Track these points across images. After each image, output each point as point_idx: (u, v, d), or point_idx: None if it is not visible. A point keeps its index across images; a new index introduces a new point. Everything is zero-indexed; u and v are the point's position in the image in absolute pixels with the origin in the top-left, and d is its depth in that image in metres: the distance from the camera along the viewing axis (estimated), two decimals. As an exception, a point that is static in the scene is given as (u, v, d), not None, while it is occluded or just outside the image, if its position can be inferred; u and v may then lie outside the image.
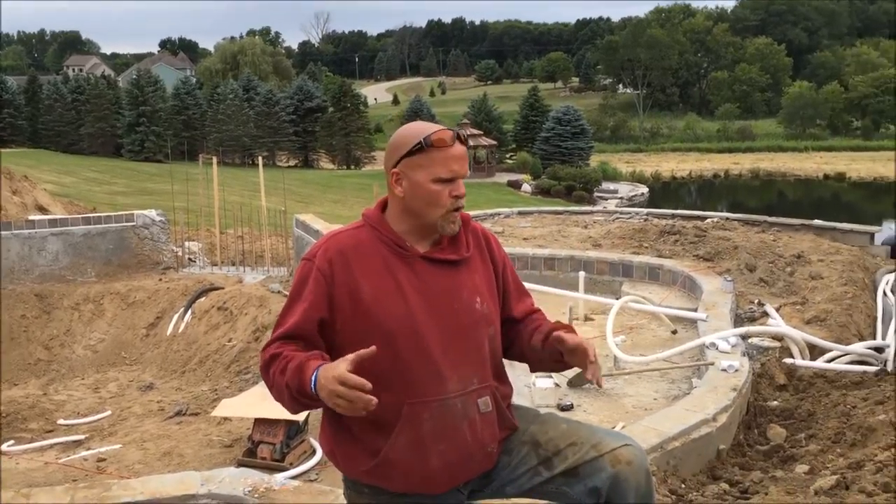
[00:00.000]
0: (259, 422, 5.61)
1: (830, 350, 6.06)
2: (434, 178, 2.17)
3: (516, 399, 2.46)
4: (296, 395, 2.08)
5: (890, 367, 5.94)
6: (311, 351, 2.15)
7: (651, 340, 6.75)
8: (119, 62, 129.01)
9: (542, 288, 7.68)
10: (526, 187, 41.50)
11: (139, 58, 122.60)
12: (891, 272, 8.23)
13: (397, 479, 2.18)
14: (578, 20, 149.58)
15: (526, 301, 2.47)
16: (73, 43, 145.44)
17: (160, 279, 11.71)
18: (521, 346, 2.42)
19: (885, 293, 7.63)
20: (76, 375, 10.14)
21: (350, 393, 1.95)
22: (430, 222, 2.21)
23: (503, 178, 44.48)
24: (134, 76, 58.66)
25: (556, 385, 5.60)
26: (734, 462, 4.31)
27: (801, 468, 3.97)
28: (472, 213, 12.57)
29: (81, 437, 7.80)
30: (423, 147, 2.17)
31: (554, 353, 2.26)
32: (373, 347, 2.02)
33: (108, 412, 8.57)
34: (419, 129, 2.21)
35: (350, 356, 1.99)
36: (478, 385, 2.23)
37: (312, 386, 2.02)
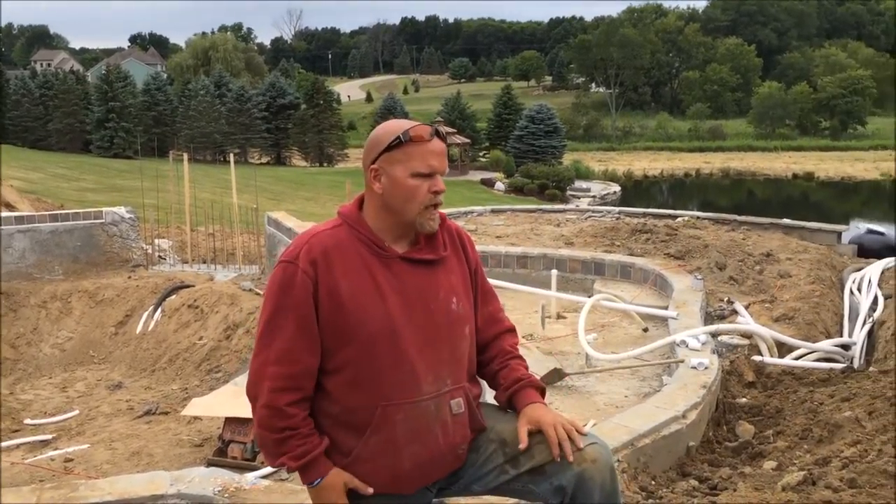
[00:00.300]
0: (230, 421, 5.57)
1: (798, 347, 6.14)
2: (412, 172, 2.16)
3: (489, 398, 2.46)
4: (288, 469, 2.26)
5: (856, 365, 6.03)
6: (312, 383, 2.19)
7: (622, 338, 6.79)
8: (88, 57, 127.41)
9: (514, 286, 7.70)
10: (499, 185, 41.59)
11: (108, 53, 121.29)
12: (857, 270, 8.34)
13: (368, 480, 2.17)
14: (551, 19, 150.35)
15: (491, 305, 2.46)
16: (41, 37, 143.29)
17: (129, 277, 11.58)
18: (482, 374, 2.44)
19: (851, 291, 7.74)
20: (43, 374, 10.01)
21: None
22: (408, 219, 2.19)
23: (476, 176, 44.56)
24: (103, 71, 57.93)
25: (528, 383, 5.60)
26: (704, 459, 4.34)
27: (769, 464, 4.01)
28: (445, 211, 12.54)
29: (48, 436, 7.70)
30: (401, 142, 2.16)
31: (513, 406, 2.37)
32: (370, 490, 2.18)
33: (76, 411, 8.47)
34: (398, 126, 2.20)
35: (356, 483, 2.17)
36: (451, 386, 2.24)
37: (314, 483, 2.17)
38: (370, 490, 2.15)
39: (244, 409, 5.37)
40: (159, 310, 10.47)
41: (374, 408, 2.15)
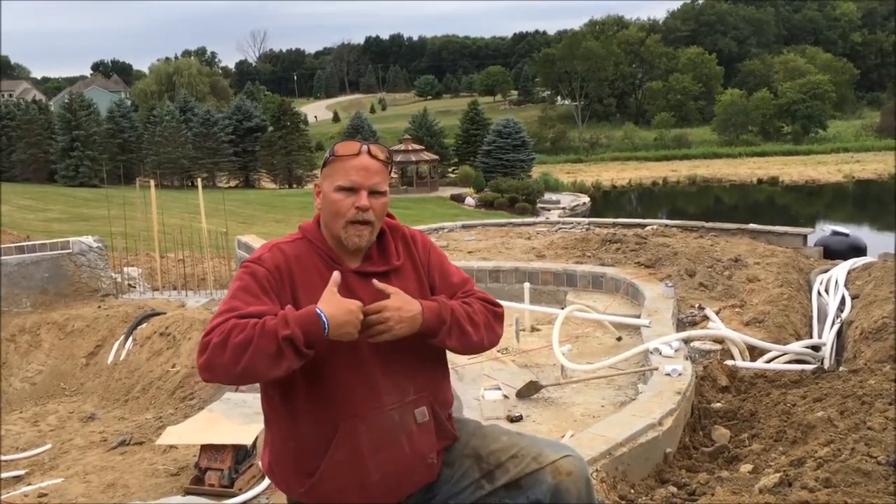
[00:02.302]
0: (206, 448, 5.50)
1: (769, 350, 6.21)
2: (335, 186, 2.21)
3: (466, 412, 2.48)
4: (300, 346, 1.98)
5: (827, 365, 6.11)
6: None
7: (597, 348, 6.83)
8: (50, 86, 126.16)
9: (487, 300, 7.71)
10: (469, 200, 41.67)
11: (71, 81, 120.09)
12: (824, 272, 8.47)
13: (338, 496, 2.17)
14: (515, 34, 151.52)
15: (450, 283, 2.42)
16: (2, 68, 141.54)
17: (99, 307, 11.43)
18: None
19: (819, 293, 7.85)
20: (14, 409, 9.83)
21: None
22: (336, 234, 2.22)
23: (446, 192, 44.65)
24: (66, 100, 57.38)
25: (505, 396, 5.62)
26: (681, 465, 4.37)
27: (745, 468, 4.04)
28: (415, 228, 12.55)
29: (21, 472, 7.56)
30: (328, 158, 2.25)
31: None
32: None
33: (49, 445, 8.32)
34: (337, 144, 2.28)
35: (334, 287, 2.06)
36: (414, 395, 2.24)
37: (325, 328, 2.00)
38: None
39: (220, 436, 5.33)
40: (130, 339, 10.34)
41: (337, 422, 2.15)
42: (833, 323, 6.85)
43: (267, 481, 5.32)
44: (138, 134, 55.42)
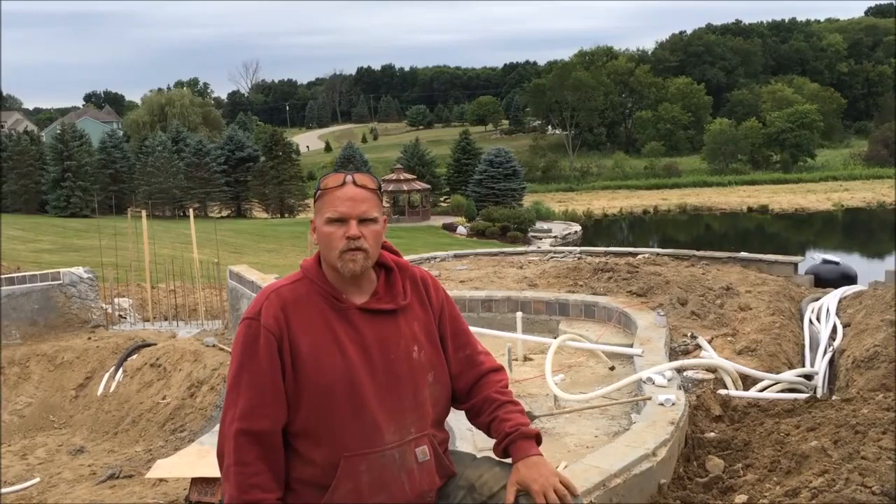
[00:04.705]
0: (196, 481, 5.45)
1: (762, 379, 6.20)
2: (326, 219, 2.23)
3: (459, 443, 2.47)
4: None
5: (819, 394, 6.11)
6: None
7: (590, 378, 6.81)
8: (42, 117, 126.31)
9: (480, 330, 7.70)
10: (461, 230, 41.75)
11: (63, 112, 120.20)
12: (815, 300, 8.49)
13: None
14: (506, 64, 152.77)
15: (467, 348, 2.46)
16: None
17: (89, 338, 11.37)
18: (476, 424, 2.48)
19: (811, 321, 7.86)
20: (2, 442, 9.73)
21: None
22: (332, 265, 2.23)
23: (438, 221, 44.77)
24: (58, 131, 57.45)
25: (498, 427, 5.58)
26: (675, 496, 4.34)
27: (739, 498, 4.02)
28: (407, 257, 12.57)
29: (8, 507, 7.47)
30: (317, 193, 2.28)
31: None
32: None
33: (37, 479, 8.22)
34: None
35: None
36: (415, 434, 2.24)
37: None
38: None
39: (211, 469, 5.27)
40: (120, 370, 10.28)
41: (338, 460, 2.15)
42: (825, 351, 6.85)
43: (258, 515, 5.25)
44: (130, 164, 55.51)
